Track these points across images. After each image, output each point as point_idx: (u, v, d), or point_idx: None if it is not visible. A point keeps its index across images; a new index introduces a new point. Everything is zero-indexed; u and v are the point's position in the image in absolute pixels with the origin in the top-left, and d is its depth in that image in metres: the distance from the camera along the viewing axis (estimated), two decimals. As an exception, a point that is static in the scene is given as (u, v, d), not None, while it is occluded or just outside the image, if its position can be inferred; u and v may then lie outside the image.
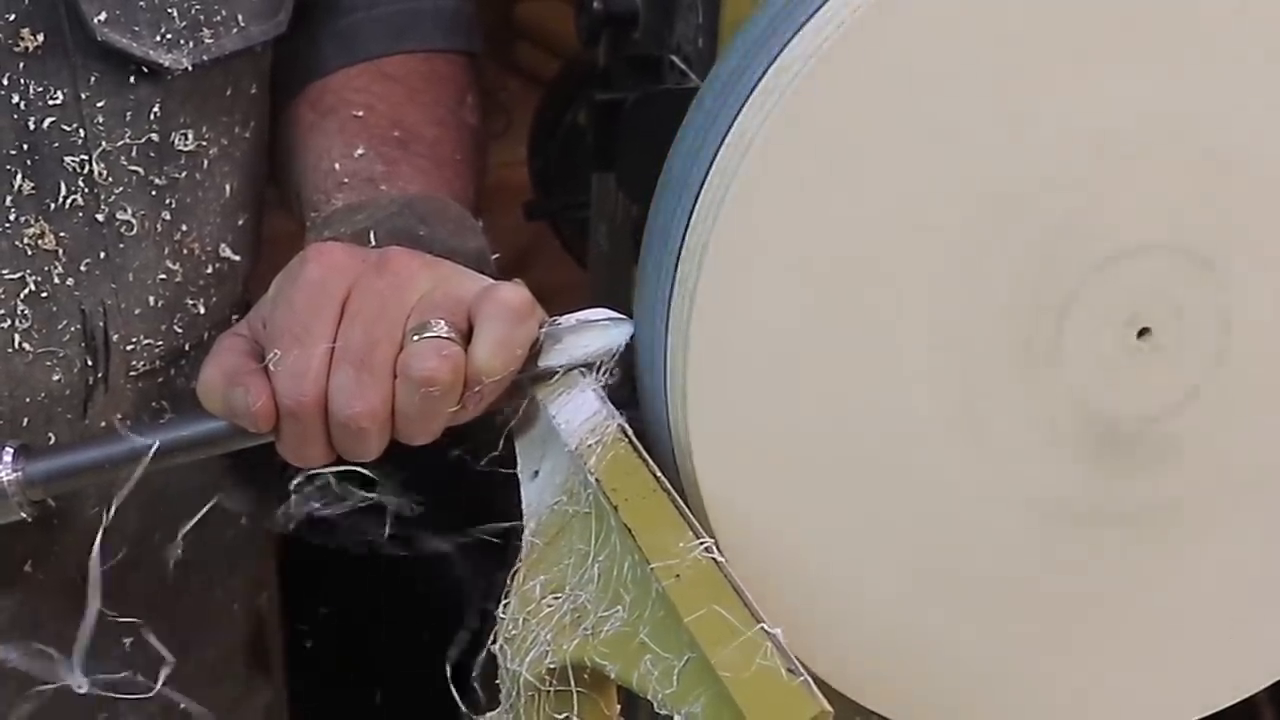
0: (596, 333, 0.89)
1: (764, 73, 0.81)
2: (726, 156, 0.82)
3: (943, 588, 0.90)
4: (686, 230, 0.83)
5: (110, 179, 0.96)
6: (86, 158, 0.95)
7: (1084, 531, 0.91)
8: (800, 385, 0.84)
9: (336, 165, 1.02)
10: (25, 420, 0.98)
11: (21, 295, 0.95)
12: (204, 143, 1.00)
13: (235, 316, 1.02)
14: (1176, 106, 0.84)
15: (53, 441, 0.95)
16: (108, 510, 0.90)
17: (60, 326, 0.97)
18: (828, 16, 0.80)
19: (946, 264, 0.84)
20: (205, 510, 0.99)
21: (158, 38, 0.95)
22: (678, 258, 0.83)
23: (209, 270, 1.03)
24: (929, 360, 0.85)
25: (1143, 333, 0.88)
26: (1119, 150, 0.84)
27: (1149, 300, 0.87)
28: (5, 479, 0.89)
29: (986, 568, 0.91)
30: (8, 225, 0.94)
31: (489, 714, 0.88)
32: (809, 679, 0.71)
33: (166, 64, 0.96)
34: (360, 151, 1.03)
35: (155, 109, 0.97)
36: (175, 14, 0.96)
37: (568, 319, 0.89)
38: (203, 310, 1.04)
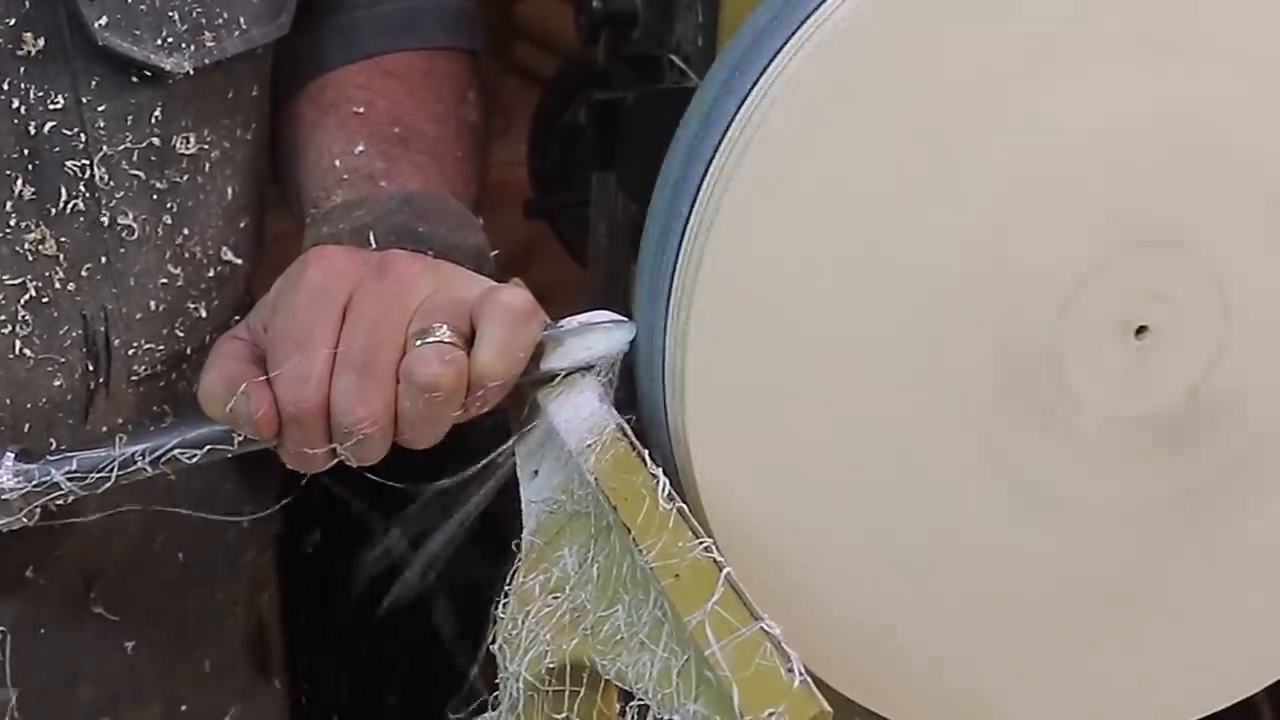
0: (598, 335, 0.89)
1: (763, 71, 0.81)
2: (724, 157, 0.82)
3: (942, 587, 0.90)
4: (684, 232, 0.83)
5: (111, 183, 0.96)
6: (87, 162, 0.95)
7: (1083, 534, 0.91)
8: (798, 386, 0.85)
9: (337, 162, 1.02)
10: (27, 426, 0.98)
11: (22, 300, 0.95)
12: (205, 146, 1.00)
13: (237, 319, 1.02)
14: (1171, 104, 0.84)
15: (54, 447, 0.95)
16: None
17: (61, 332, 0.97)
18: (827, 10, 0.80)
19: (945, 266, 0.84)
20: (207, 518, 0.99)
21: (159, 41, 0.95)
22: (676, 259, 0.84)
23: (210, 274, 1.03)
24: (928, 362, 0.86)
25: (1140, 331, 0.88)
26: (1110, 149, 0.84)
27: (1145, 299, 0.88)
28: (6, 484, 0.89)
29: (985, 569, 0.91)
30: (8, 230, 0.94)
31: (488, 714, 0.88)
32: (808, 678, 0.71)
33: (168, 68, 0.96)
34: (360, 148, 1.03)
35: (156, 113, 0.96)
36: (176, 17, 0.95)
37: (569, 321, 0.89)
38: (204, 314, 1.04)
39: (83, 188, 0.95)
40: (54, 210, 0.95)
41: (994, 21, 0.81)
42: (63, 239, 0.96)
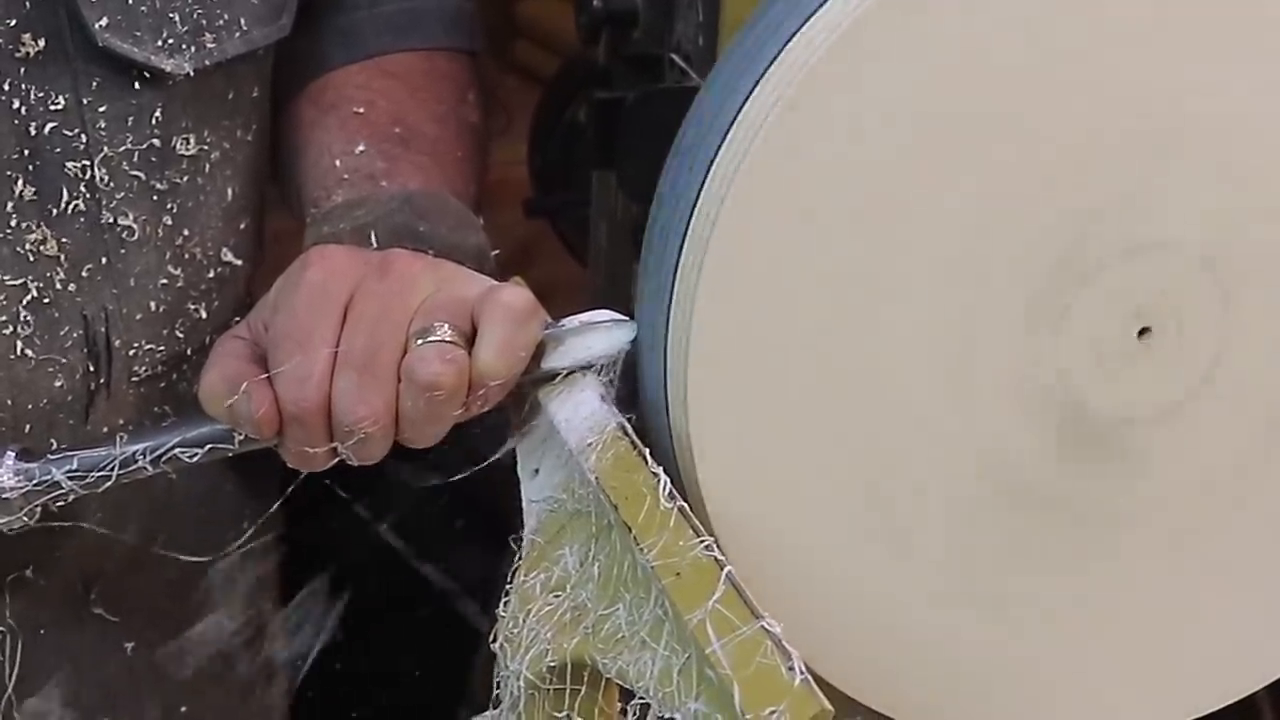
0: (599, 334, 0.89)
1: (765, 70, 0.81)
2: (726, 158, 0.82)
3: (943, 586, 0.90)
4: (687, 232, 0.83)
5: (112, 184, 0.96)
6: (88, 163, 0.95)
7: (1085, 535, 0.91)
8: (800, 384, 0.85)
9: (337, 162, 1.02)
10: (27, 426, 0.98)
11: (23, 301, 0.95)
12: (205, 147, 1.00)
13: (237, 320, 1.01)
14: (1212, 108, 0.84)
15: (55, 447, 0.95)
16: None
17: (62, 332, 0.97)
18: (833, 6, 0.80)
19: (953, 265, 0.84)
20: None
21: (159, 43, 0.95)
22: (678, 259, 0.83)
23: (211, 275, 1.03)
24: (932, 362, 0.86)
25: (1143, 332, 0.88)
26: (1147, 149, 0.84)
27: (1157, 303, 0.88)
28: (7, 483, 0.89)
29: (987, 568, 0.91)
30: (9, 231, 0.94)
31: (489, 713, 0.88)
32: (809, 676, 0.71)
33: (168, 69, 0.96)
34: (361, 148, 1.03)
35: (157, 114, 0.97)
36: (177, 19, 0.95)
37: (570, 321, 0.89)
38: (205, 315, 1.04)
39: (83, 188, 0.95)
40: (55, 211, 0.95)
41: (1001, 17, 0.81)
42: (63, 240, 0.96)
